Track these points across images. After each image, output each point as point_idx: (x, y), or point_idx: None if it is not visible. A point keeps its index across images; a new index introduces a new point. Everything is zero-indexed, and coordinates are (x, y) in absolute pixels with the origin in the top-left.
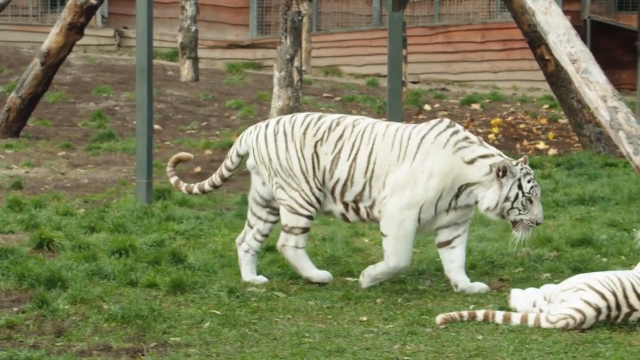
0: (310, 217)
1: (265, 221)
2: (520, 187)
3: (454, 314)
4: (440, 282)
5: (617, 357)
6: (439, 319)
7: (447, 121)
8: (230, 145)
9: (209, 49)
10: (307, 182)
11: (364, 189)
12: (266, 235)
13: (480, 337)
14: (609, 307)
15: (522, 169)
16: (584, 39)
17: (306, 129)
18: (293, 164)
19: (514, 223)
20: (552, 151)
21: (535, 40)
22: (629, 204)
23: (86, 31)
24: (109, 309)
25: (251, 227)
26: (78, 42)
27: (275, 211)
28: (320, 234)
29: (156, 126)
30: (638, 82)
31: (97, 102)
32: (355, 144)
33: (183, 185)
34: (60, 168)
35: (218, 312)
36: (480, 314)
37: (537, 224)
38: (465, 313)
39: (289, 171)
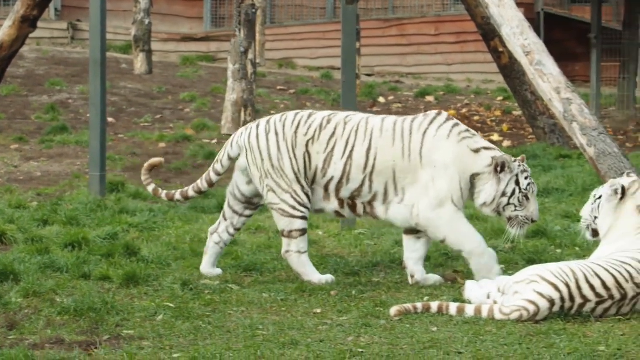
0: (304, 218)
1: (241, 215)
2: (517, 183)
3: (408, 306)
4: (395, 274)
5: (572, 348)
6: (393, 311)
7: (445, 114)
8: (184, 137)
9: (163, 41)
10: (299, 181)
11: (362, 184)
12: (238, 229)
13: (435, 328)
14: (562, 299)
15: (519, 165)
16: (537, 31)
17: (297, 128)
18: (285, 164)
19: (509, 219)
20: (507, 143)
21: (489, 33)
22: (583, 195)
23: (39, 24)
24: (62, 302)
25: (225, 220)
26: (31, 35)
27: (252, 207)
28: (275, 227)
29: (110, 119)
30: (591, 74)
31: (50, 95)
32: (350, 141)
33: (163, 193)
34: (13, 161)
35: (171, 305)
36: (434, 305)
37: (533, 221)
38: (419, 305)
39: (280, 172)
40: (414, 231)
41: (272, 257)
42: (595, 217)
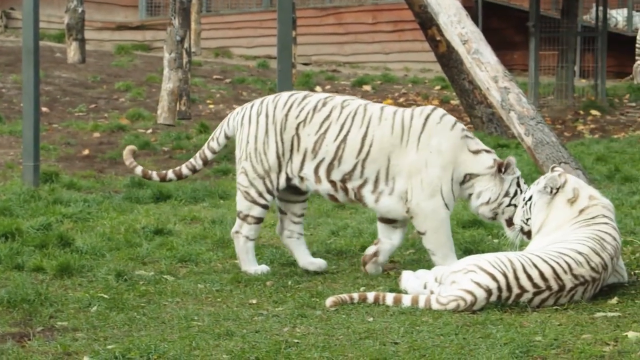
0: (265, 207)
1: (295, 202)
2: (518, 185)
3: (345, 296)
4: (331, 265)
5: (508, 338)
6: (328, 301)
7: (442, 109)
8: (119, 127)
9: (98, 30)
10: (279, 167)
11: (354, 168)
12: (302, 215)
13: (371, 319)
14: (499, 288)
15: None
16: (475, 19)
17: (289, 110)
18: (269, 147)
19: (509, 222)
20: None
21: (427, 22)
22: None
23: None
24: None
25: (285, 213)
26: None
27: (298, 190)
28: (210, 217)
29: (43, 108)
30: (530, 63)
31: None
32: (345, 125)
33: (153, 173)
34: None
35: (106, 296)
36: (370, 296)
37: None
38: (355, 295)
39: (262, 156)
40: (391, 221)
41: (208, 247)
42: (528, 219)
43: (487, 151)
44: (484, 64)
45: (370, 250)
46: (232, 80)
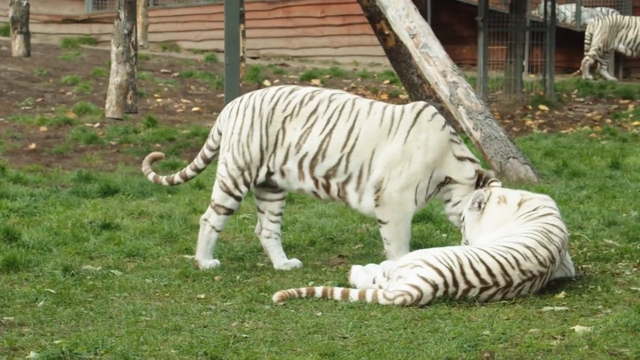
0: (239, 199)
1: (272, 200)
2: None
3: (293, 290)
4: None
5: (456, 333)
6: (276, 296)
7: (433, 107)
8: (66, 121)
9: (44, 23)
10: (262, 160)
11: (338, 163)
12: (280, 214)
13: (320, 313)
14: (445, 283)
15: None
16: (424, 14)
17: (276, 104)
18: (253, 140)
19: None
20: None
21: (375, 15)
22: None
23: None
24: None
25: (263, 212)
26: None
27: (276, 188)
28: (158, 211)
29: None
30: (478, 58)
31: None
32: (332, 119)
33: (163, 178)
34: None
35: (53, 291)
36: (319, 290)
37: None
38: (303, 290)
39: (244, 148)
40: None
41: (156, 242)
42: (466, 240)
43: (471, 160)
44: (432, 58)
45: None
46: (180, 74)
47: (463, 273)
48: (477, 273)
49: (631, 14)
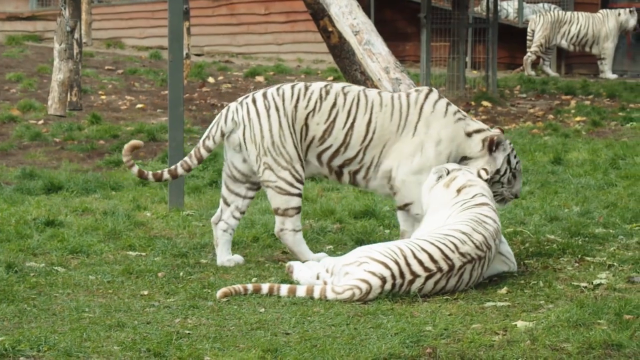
0: (300, 195)
1: (244, 197)
2: (509, 162)
3: (239, 287)
4: None
5: (399, 328)
6: (219, 292)
7: (436, 91)
8: (10, 118)
9: None
10: (299, 156)
11: (357, 155)
12: (244, 213)
13: (263, 309)
14: (393, 276)
15: (510, 143)
16: (367, 11)
17: (297, 101)
18: (286, 140)
19: (494, 194)
20: None
21: (319, 12)
22: None
23: None
24: None
25: (228, 205)
26: None
27: (254, 186)
28: (102, 208)
29: None
30: (421, 54)
31: None
32: (352, 112)
33: (149, 174)
34: None
35: None
36: (265, 287)
37: (517, 197)
38: (250, 286)
39: (281, 149)
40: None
41: (99, 239)
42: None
43: (477, 131)
44: (375, 55)
45: None
46: (124, 71)
47: (408, 264)
48: (420, 262)
49: (572, 10)
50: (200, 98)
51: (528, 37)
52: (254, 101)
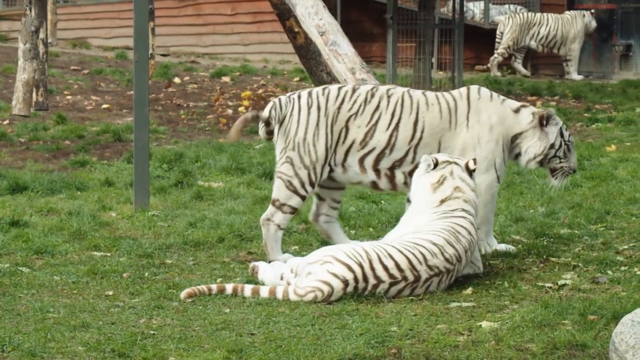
0: (303, 199)
1: (337, 189)
2: (562, 135)
3: (203, 287)
4: (188, 256)
5: (364, 329)
6: (183, 293)
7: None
8: None
9: None
10: (326, 159)
11: (406, 155)
12: (339, 202)
13: (228, 310)
14: (355, 279)
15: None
16: (333, 11)
17: (341, 103)
18: (319, 139)
19: (553, 171)
20: None
21: (285, 13)
22: None
23: None
24: None
25: (323, 200)
26: None
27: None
28: (67, 208)
29: None
30: (388, 55)
31: None
32: (396, 113)
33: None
34: None
35: None
36: (229, 287)
37: (574, 171)
38: (214, 286)
39: (310, 147)
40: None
41: (64, 239)
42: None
43: (524, 106)
44: (341, 56)
45: None
46: (90, 71)
47: (372, 268)
48: (385, 268)
49: (539, 11)
50: (166, 98)
51: (497, 39)
52: (299, 97)
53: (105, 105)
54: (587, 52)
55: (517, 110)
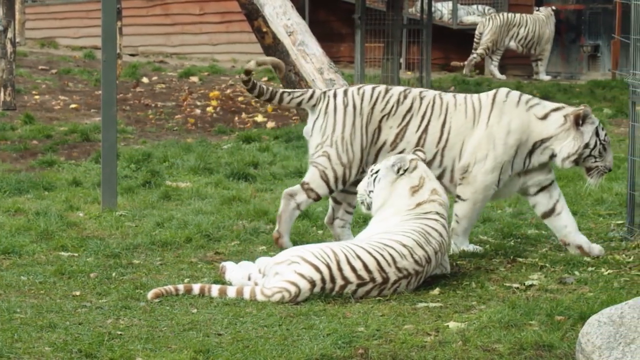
0: (331, 192)
1: (353, 193)
2: (597, 134)
3: (170, 287)
4: (155, 257)
5: (331, 329)
6: (150, 293)
7: (508, 89)
8: None
9: None
10: (361, 159)
11: (434, 158)
12: (354, 207)
13: (195, 310)
14: (323, 280)
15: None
16: (302, 11)
17: (375, 103)
18: (355, 139)
19: (589, 170)
20: (271, 124)
21: (253, 13)
22: None
23: None
24: None
25: (339, 203)
26: None
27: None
28: (34, 209)
29: None
30: (356, 55)
31: None
32: (426, 115)
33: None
34: None
35: None
36: (196, 288)
37: (609, 170)
38: (181, 287)
39: (348, 146)
40: (550, 211)
41: (31, 239)
42: (370, 191)
43: (554, 110)
44: (309, 56)
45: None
46: (58, 70)
47: (340, 269)
48: (353, 269)
49: (507, 10)
50: (134, 98)
51: (475, 40)
52: (334, 95)
53: (73, 105)
54: (555, 53)
55: (544, 117)
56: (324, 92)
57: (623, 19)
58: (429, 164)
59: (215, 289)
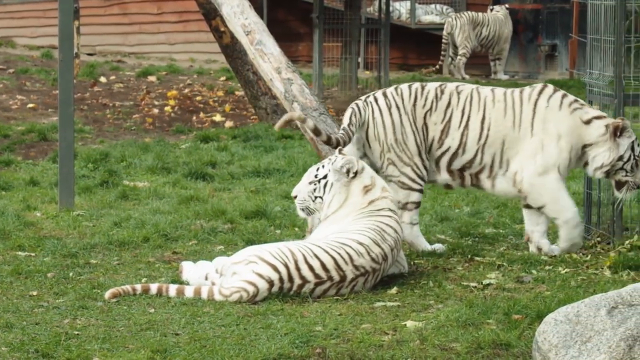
0: (421, 191)
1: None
2: (632, 148)
3: (127, 287)
4: (113, 256)
5: (289, 329)
6: (108, 293)
7: (551, 86)
8: None
9: None
10: (420, 154)
11: (475, 155)
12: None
13: (152, 310)
14: (281, 279)
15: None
16: (260, 11)
17: (415, 100)
18: (408, 137)
19: (618, 183)
20: (229, 123)
21: (211, 12)
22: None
23: None
24: None
25: None
26: None
27: None
28: None
29: None
30: (314, 54)
31: None
32: (465, 110)
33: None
34: None
35: None
36: (153, 287)
37: (639, 187)
38: (138, 286)
39: (403, 145)
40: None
41: None
42: (317, 197)
43: (597, 117)
44: (267, 55)
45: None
46: (16, 70)
47: (298, 268)
48: (311, 268)
49: (465, 10)
50: (92, 98)
51: (444, 41)
52: (375, 100)
53: (30, 105)
54: (513, 52)
55: (588, 122)
56: (365, 100)
57: (580, 18)
58: (471, 162)
59: (172, 289)
